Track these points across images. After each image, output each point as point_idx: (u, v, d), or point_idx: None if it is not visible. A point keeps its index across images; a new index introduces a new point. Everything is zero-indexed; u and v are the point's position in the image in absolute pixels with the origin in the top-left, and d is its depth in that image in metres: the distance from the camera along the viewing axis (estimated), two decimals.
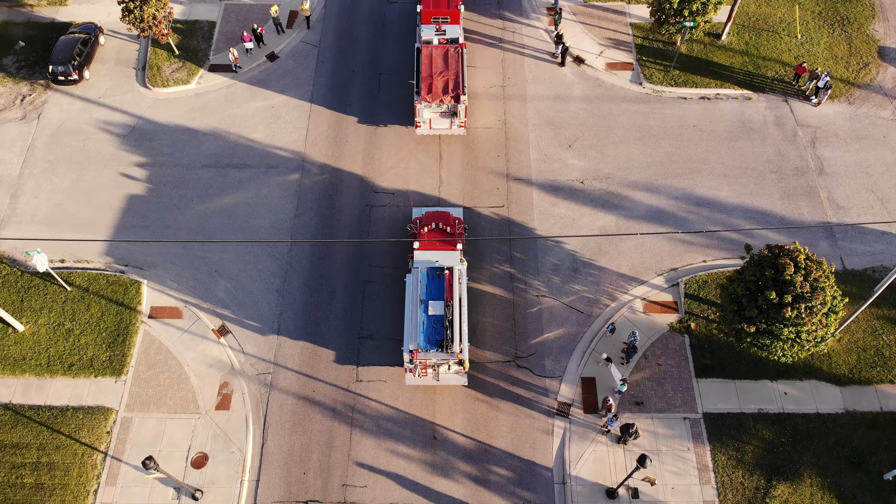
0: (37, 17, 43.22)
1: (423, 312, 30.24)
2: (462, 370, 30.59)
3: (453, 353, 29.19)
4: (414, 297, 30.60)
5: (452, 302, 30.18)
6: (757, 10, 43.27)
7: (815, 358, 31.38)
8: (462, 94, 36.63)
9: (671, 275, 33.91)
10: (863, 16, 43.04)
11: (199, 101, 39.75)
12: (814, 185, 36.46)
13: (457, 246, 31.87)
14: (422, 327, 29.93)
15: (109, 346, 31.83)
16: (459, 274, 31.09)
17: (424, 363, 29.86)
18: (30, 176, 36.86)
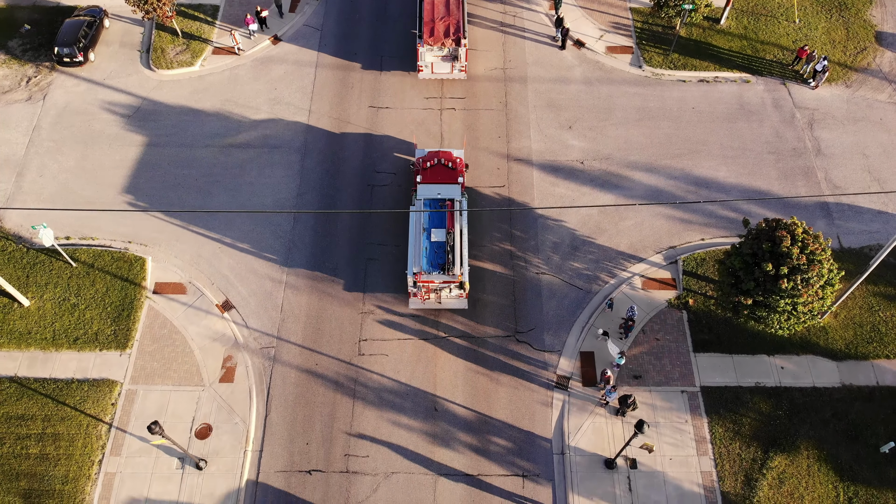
0: (42, 0, 43.62)
1: (426, 239, 32.11)
2: (462, 294, 32.33)
3: (454, 275, 31.08)
4: (417, 226, 32.42)
5: (454, 229, 32.10)
6: None
7: (811, 333, 31.76)
8: (463, 37, 38.18)
9: (669, 252, 34.29)
10: (860, 1, 43.42)
11: (203, 83, 40.16)
12: (811, 165, 36.84)
13: (458, 180, 33.47)
14: (424, 252, 31.81)
15: (114, 321, 32.21)
16: (460, 206, 32.78)
17: (427, 287, 31.51)
18: (35, 155, 37.26)
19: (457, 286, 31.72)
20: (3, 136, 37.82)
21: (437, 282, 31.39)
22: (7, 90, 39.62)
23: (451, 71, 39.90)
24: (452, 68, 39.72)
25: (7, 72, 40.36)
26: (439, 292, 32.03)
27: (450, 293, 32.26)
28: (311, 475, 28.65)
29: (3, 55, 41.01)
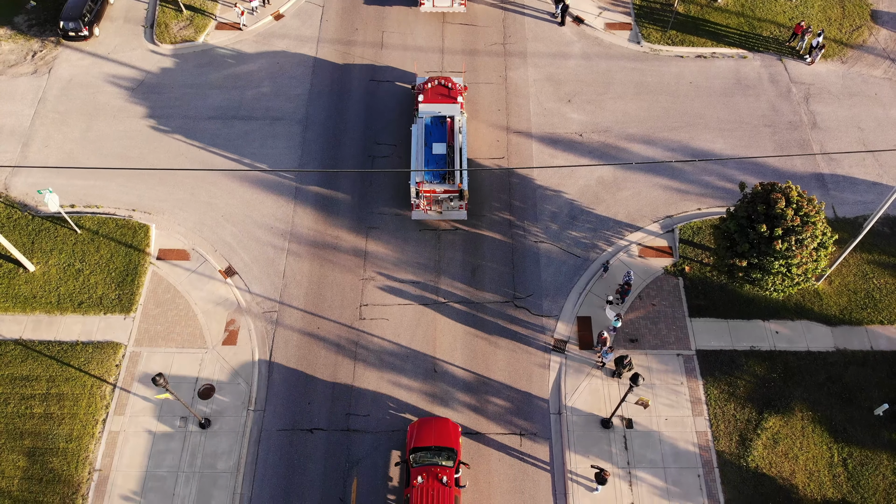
0: None
1: (428, 152, 34.05)
2: (462, 206, 34.19)
3: (454, 184, 33.15)
4: (419, 140, 34.35)
5: (454, 143, 34.17)
6: None
7: (806, 299, 32.20)
8: None
9: (666, 221, 34.74)
10: None
11: (206, 57, 40.64)
12: (807, 138, 37.28)
13: (457, 99, 35.52)
14: (426, 164, 33.77)
15: (118, 286, 32.66)
16: (460, 123, 34.68)
17: (429, 197, 33.33)
18: (41, 126, 37.72)
19: (457, 197, 33.32)
20: (9, 107, 38.29)
21: (438, 191, 33.15)
22: (13, 64, 40.10)
23: (451, 5, 42.08)
24: (453, 2, 41.91)
25: (13, 46, 40.84)
26: (440, 204, 33.58)
27: (450, 203, 33.80)
28: (312, 433, 29.09)
29: (9, 30, 41.50)
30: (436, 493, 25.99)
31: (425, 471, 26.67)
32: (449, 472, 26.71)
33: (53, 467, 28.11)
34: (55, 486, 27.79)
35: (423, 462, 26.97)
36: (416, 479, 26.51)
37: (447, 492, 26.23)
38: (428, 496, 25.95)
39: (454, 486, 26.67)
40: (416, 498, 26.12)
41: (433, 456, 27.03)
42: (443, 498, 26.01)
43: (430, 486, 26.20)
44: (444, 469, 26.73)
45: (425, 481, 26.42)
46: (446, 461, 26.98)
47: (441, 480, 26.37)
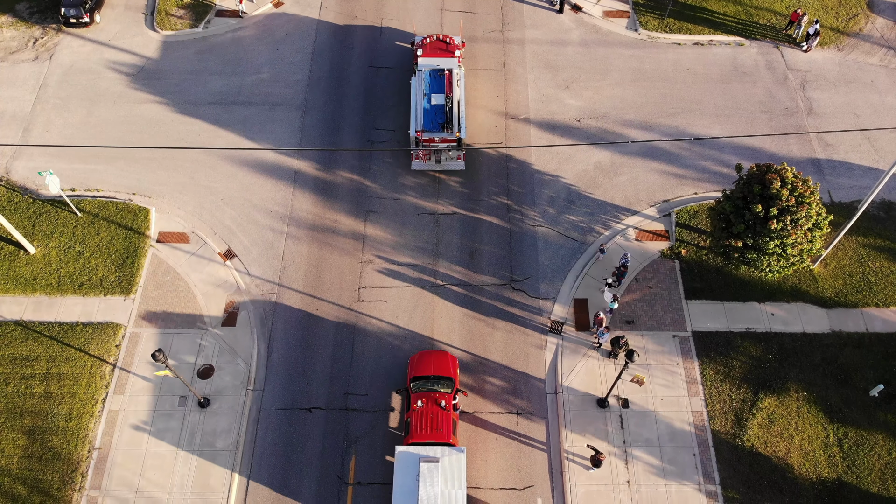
0: None
1: (427, 102, 35.15)
2: (460, 156, 35.43)
3: (452, 132, 34.26)
4: (419, 92, 35.48)
5: (452, 94, 35.26)
6: None
7: (801, 282, 32.39)
8: None
9: (663, 206, 34.95)
10: None
11: (206, 44, 40.87)
12: (803, 124, 37.48)
13: (455, 53, 36.59)
14: (425, 114, 34.86)
15: (119, 268, 32.88)
16: (458, 76, 35.86)
17: (428, 146, 34.54)
18: (41, 112, 37.95)
19: (455, 147, 34.34)
20: (10, 93, 38.52)
21: (437, 140, 34.22)
22: (14, 51, 40.33)
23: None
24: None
25: (14, 33, 41.07)
26: (439, 154, 34.69)
27: (449, 154, 35.06)
28: (311, 413, 29.31)
29: (10, 18, 41.72)
30: (434, 416, 27.73)
31: (425, 396, 28.32)
32: (447, 398, 28.32)
33: (53, 445, 28.33)
34: (55, 463, 28.00)
35: (422, 389, 28.61)
36: (416, 404, 28.12)
37: (445, 414, 27.90)
38: (427, 418, 27.69)
39: (452, 410, 28.27)
40: (417, 420, 27.75)
41: (433, 384, 28.68)
42: (441, 420, 27.68)
43: (430, 410, 27.90)
44: (442, 394, 28.39)
45: (425, 405, 28.09)
46: (444, 388, 28.58)
47: (440, 404, 28.04)
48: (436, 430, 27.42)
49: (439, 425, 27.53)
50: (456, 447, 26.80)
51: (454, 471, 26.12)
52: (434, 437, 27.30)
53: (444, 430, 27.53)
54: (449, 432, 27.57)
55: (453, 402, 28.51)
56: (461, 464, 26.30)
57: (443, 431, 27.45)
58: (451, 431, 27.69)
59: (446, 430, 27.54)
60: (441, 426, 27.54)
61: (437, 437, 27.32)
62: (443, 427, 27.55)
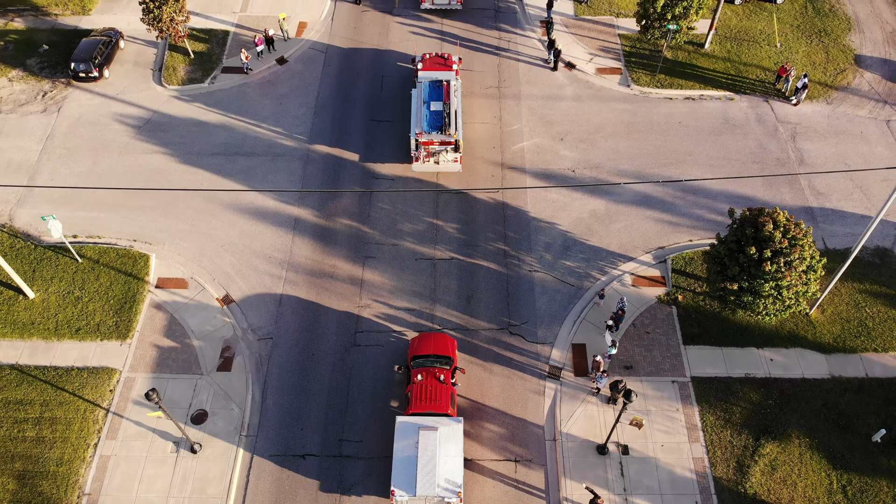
0: (61, 24, 46.08)
1: (426, 109, 37.63)
2: (458, 159, 37.51)
3: (450, 135, 36.50)
4: (419, 100, 38.13)
5: (449, 102, 37.79)
6: (738, 23, 46.01)
7: (799, 327, 32.34)
8: None
9: (658, 252, 35.22)
10: (839, 28, 45.73)
11: (212, 98, 42.04)
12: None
13: (453, 67, 39.73)
14: (425, 118, 37.32)
15: (116, 313, 32.94)
16: (455, 87, 38.66)
17: (427, 149, 36.85)
18: (47, 161, 38.75)
19: (453, 149, 36.80)
20: (18, 143, 39.43)
21: (435, 142, 36.54)
22: (23, 103, 41.48)
23: (448, 2, 46.74)
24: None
25: (24, 87, 42.34)
26: (437, 155, 37.01)
27: (446, 156, 37.16)
28: (304, 459, 28.82)
29: (21, 72, 43.10)
30: (433, 389, 29.10)
31: (425, 371, 29.76)
32: (446, 373, 29.77)
33: (43, 490, 27.78)
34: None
35: (422, 365, 30.11)
36: (416, 377, 29.55)
37: (444, 388, 29.25)
38: (426, 391, 29.06)
39: (450, 384, 29.63)
40: (417, 392, 29.14)
41: (432, 362, 30.12)
42: (440, 392, 29.01)
43: (429, 383, 29.26)
44: (441, 370, 29.85)
45: (424, 379, 29.47)
46: (443, 365, 30.08)
47: (438, 378, 29.41)
48: (434, 402, 28.70)
49: (438, 397, 28.81)
50: (454, 418, 28.21)
51: (452, 438, 27.31)
52: (433, 408, 28.57)
53: (443, 401, 28.80)
54: (447, 404, 28.82)
55: (451, 378, 29.88)
56: (459, 433, 27.55)
57: (441, 403, 28.74)
58: (450, 403, 28.95)
59: (445, 402, 28.80)
60: (439, 398, 28.81)
61: (435, 407, 28.59)
62: (441, 399, 28.82)
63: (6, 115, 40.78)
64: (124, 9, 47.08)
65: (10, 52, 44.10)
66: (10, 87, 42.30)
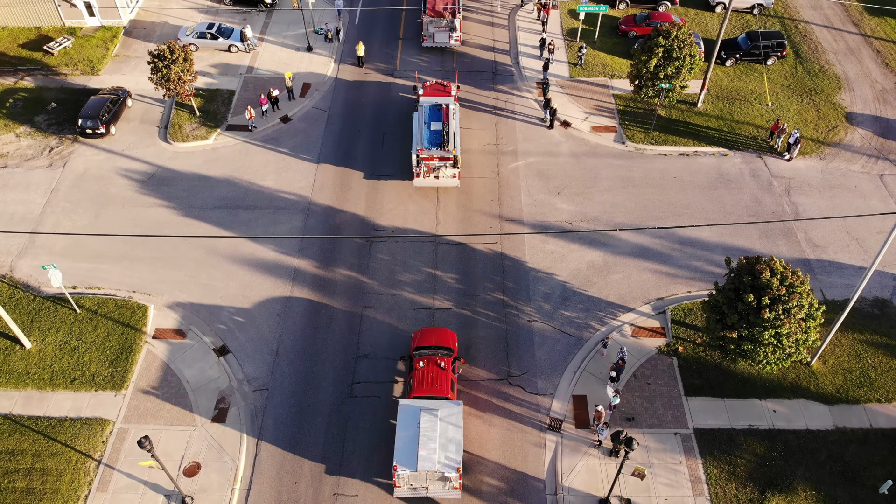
0: (70, 83, 47.42)
1: (427, 129, 40.17)
2: (456, 175, 39.95)
3: (449, 151, 39.07)
4: (420, 121, 40.74)
5: (448, 122, 40.29)
6: (729, 83, 47.32)
7: (801, 378, 32.02)
8: (458, 13, 49.27)
9: (657, 303, 35.20)
10: (830, 87, 46.98)
11: (216, 154, 42.85)
12: (790, 226, 38.50)
13: (451, 93, 42.67)
14: (426, 136, 39.82)
15: (112, 363, 32.69)
16: (453, 110, 41.50)
17: (428, 164, 39.30)
18: (51, 214, 39.21)
19: (451, 165, 39.25)
20: (22, 196, 39.99)
21: (435, 158, 39.05)
22: (29, 158, 42.27)
23: (448, 41, 49.93)
24: (450, 38, 49.85)
25: (31, 142, 43.23)
26: (437, 171, 39.43)
27: (446, 171, 39.53)
28: None
29: (28, 128, 44.09)
30: (435, 375, 30.31)
31: (426, 359, 31.11)
32: (446, 360, 31.06)
33: None
34: None
35: (424, 354, 31.53)
36: (418, 364, 30.87)
37: (445, 374, 30.48)
38: (428, 376, 30.28)
39: (451, 372, 30.90)
40: (419, 378, 30.35)
41: (434, 352, 31.61)
42: (441, 378, 30.26)
43: (430, 370, 30.52)
44: (442, 358, 31.17)
45: (426, 366, 30.75)
46: (444, 354, 31.52)
47: (439, 365, 30.68)
48: (436, 386, 29.95)
49: (439, 382, 30.09)
50: (453, 401, 29.37)
51: (452, 420, 28.50)
52: (434, 392, 29.79)
53: (444, 386, 30.09)
54: (448, 389, 30.10)
55: (452, 366, 31.29)
56: (458, 414, 28.75)
57: (442, 387, 29.99)
58: (450, 388, 30.24)
59: (445, 387, 30.08)
60: (440, 383, 30.10)
61: (436, 391, 29.82)
62: (442, 384, 30.10)
63: (12, 170, 41.53)
64: (133, 69, 48.54)
65: (18, 109, 45.28)
66: (17, 142, 43.21)
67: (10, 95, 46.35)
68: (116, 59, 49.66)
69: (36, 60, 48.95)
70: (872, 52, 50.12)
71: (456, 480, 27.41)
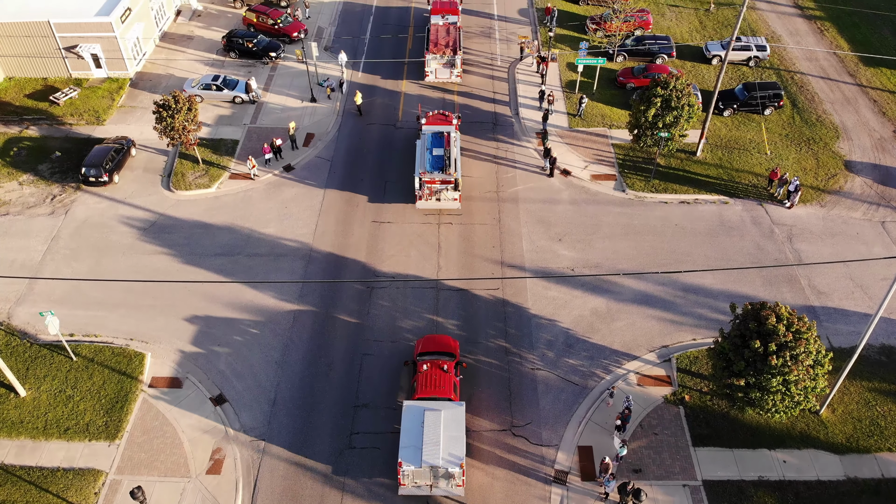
0: (75, 133, 47.92)
1: (429, 154, 42.21)
2: (457, 198, 41.66)
3: (450, 174, 40.98)
4: (422, 147, 42.89)
5: (449, 148, 42.45)
6: (727, 133, 47.80)
7: (811, 428, 31.31)
8: (458, 50, 52.16)
9: (663, 351, 34.71)
10: (827, 136, 47.41)
11: (218, 202, 42.96)
12: (794, 273, 38.29)
13: (453, 122, 44.78)
14: (428, 161, 41.87)
15: (107, 412, 32.05)
16: (454, 138, 43.56)
17: (430, 187, 41.08)
18: (51, 261, 39.08)
19: (452, 188, 41.08)
20: (23, 243, 39.93)
21: (437, 181, 40.94)
22: (32, 205, 42.39)
23: (449, 76, 52.91)
24: (451, 74, 52.81)
25: (34, 190, 43.42)
26: (439, 193, 41.23)
27: (447, 194, 41.30)
28: None
29: (32, 176, 44.36)
30: (438, 377, 31.43)
31: (430, 362, 32.21)
32: (449, 364, 32.20)
33: None
34: None
35: (427, 359, 32.65)
36: (421, 368, 31.98)
37: (448, 376, 31.60)
38: (431, 379, 31.37)
39: (454, 374, 31.98)
40: (422, 380, 31.43)
41: (436, 357, 32.72)
42: (444, 380, 31.39)
43: (434, 373, 31.65)
44: (445, 361, 32.33)
45: (429, 369, 31.83)
46: (447, 359, 32.66)
47: (442, 368, 31.78)
48: (439, 388, 31.01)
49: (442, 384, 31.16)
50: (456, 402, 30.39)
51: (455, 419, 29.44)
52: (437, 393, 30.83)
53: (447, 387, 31.14)
54: (450, 390, 31.16)
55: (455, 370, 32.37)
56: (461, 414, 29.70)
57: (445, 389, 31.07)
58: (453, 390, 31.26)
59: (448, 388, 31.14)
60: (443, 385, 31.17)
61: (439, 393, 30.87)
62: (445, 386, 31.17)
63: (14, 217, 41.61)
64: (138, 120, 49.14)
65: (22, 157, 45.67)
66: (20, 190, 43.42)
67: (14, 144, 46.82)
68: (122, 110, 50.34)
69: (41, 110, 49.62)
70: (869, 101, 50.80)
71: (459, 477, 28.19)
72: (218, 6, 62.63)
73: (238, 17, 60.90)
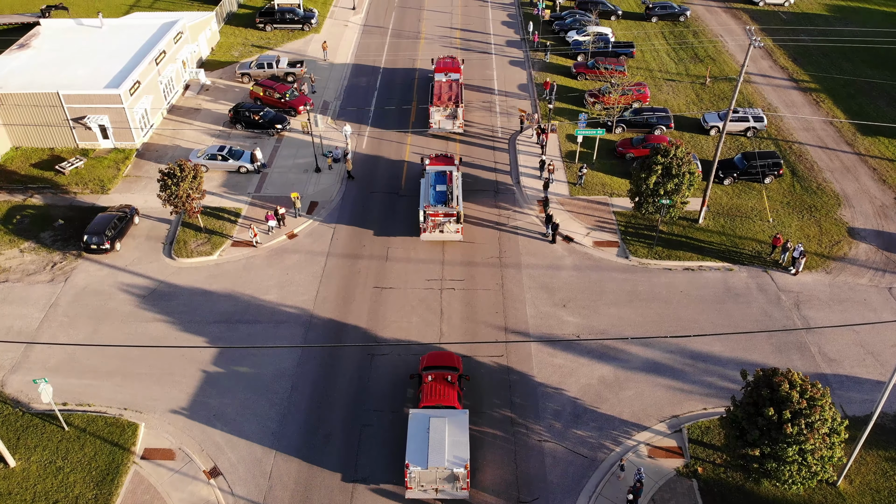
0: (78, 202, 48.13)
1: (433, 190, 44.97)
2: (459, 230, 44.13)
3: (453, 207, 43.57)
4: (426, 185, 45.57)
5: (452, 184, 45.30)
6: (728, 200, 47.96)
7: (828, 500, 29.98)
8: (460, 103, 55.38)
9: (673, 421, 33.65)
10: (829, 204, 47.52)
11: (219, 269, 42.69)
12: (803, 340, 37.56)
13: (454, 162, 47.57)
14: (432, 196, 44.55)
15: (97, 485, 30.81)
16: (456, 177, 46.23)
17: (434, 220, 43.51)
18: (47, 329, 38.47)
19: (455, 220, 43.48)
20: (20, 311, 39.43)
21: (440, 214, 43.34)
22: (32, 273, 42.11)
23: (452, 127, 55.87)
24: (453, 125, 55.78)
25: (34, 258, 43.23)
26: (442, 226, 43.63)
27: (450, 227, 43.68)
28: None
29: (33, 244, 44.26)
30: (443, 387, 32.88)
31: (434, 374, 33.65)
32: (453, 376, 33.59)
33: None
34: None
35: (432, 371, 33.97)
36: (426, 379, 33.33)
37: (452, 386, 33.01)
38: (436, 389, 32.85)
39: (458, 386, 33.39)
40: (427, 390, 32.89)
41: (441, 371, 33.96)
42: (448, 390, 32.79)
43: (438, 384, 33.08)
44: (449, 373, 33.65)
45: (434, 380, 33.25)
46: (451, 372, 33.97)
47: (446, 379, 33.26)
48: (443, 397, 32.43)
49: (446, 394, 32.57)
50: (460, 410, 31.83)
51: (459, 425, 30.88)
52: (442, 402, 32.23)
53: (451, 397, 32.49)
54: (455, 399, 32.46)
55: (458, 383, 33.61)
56: (465, 421, 31.11)
57: (449, 398, 32.43)
58: (457, 399, 32.53)
59: (452, 397, 32.49)
60: (448, 394, 32.57)
61: (444, 401, 32.25)
62: (449, 395, 32.55)
63: (13, 284, 41.28)
64: (143, 189, 49.47)
65: (25, 225, 45.72)
66: (21, 257, 43.25)
67: (17, 212, 46.98)
68: (127, 179, 50.77)
69: (47, 179, 50.05)
70: (868, 169, 51.21)
71: (464, 480, 29.36)
72: (226, 80, 64.14)
73: (245, 91, 62.27)
